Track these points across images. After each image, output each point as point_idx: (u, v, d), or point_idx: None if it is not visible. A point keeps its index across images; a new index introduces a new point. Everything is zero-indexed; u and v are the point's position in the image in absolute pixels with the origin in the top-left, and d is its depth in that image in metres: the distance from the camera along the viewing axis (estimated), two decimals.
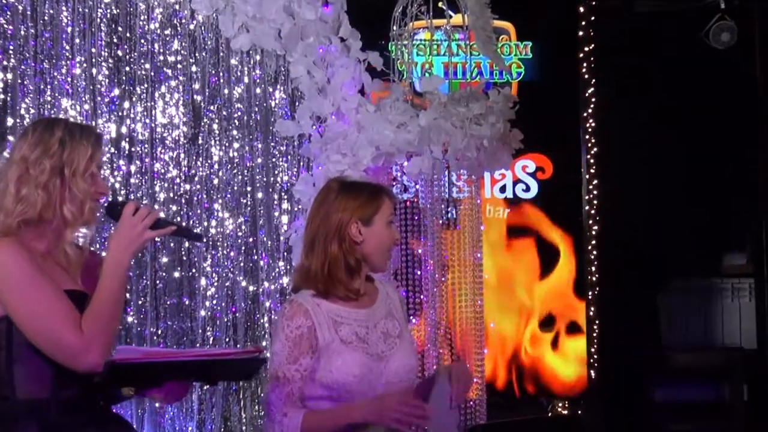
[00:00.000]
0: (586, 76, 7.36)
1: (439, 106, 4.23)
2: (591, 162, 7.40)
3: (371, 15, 4.68)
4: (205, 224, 4.90)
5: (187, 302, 4.90)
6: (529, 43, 7.40)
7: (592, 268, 7.33)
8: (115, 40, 4.72)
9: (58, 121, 2.48)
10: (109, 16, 4.69)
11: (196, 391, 4.73)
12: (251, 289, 4.91)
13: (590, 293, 7.30)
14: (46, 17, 4.57)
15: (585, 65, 7.36)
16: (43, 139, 2.35)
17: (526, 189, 7.42)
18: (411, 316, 4.39)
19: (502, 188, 7.39)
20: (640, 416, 7.26)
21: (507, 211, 7.41)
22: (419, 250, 4.51)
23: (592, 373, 7.23)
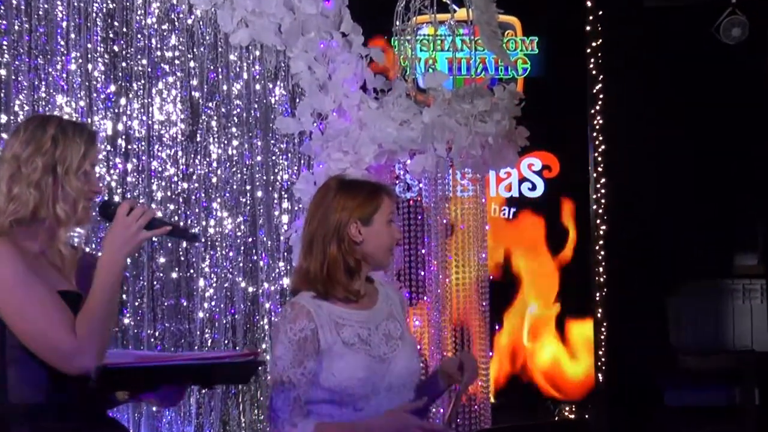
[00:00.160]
0: (594, 72, 7.35)
1: (443, 102, 4.22)
2: (599, 160, 7.39)
3: (373, 9, 4.68)
4: (204, 224, 4.90)
5: (185, 304, 4.90)
6: (536, 38, 7.40)
7: (600, 269, 7.31)
8: (111, 35, 4.72)
9: (51, 118, 2.47)
10: (105, 11, 4.70)
11: (194, 394, 4.73)
12: (251, 290, 4.91)
13: (598, 294, 7.29)
14: (40, 12, 4.58)
15: (592, 61, 7.34)
16: (36, 136, 2.34)
17: (532, 188, 7.41)
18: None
19: (508, 187, 7.37)
20: (649, 420, 7.25)
21: (512, 210, 7.40)
22: (423, 250, 4.49)
23: (600, 376, 7.22)
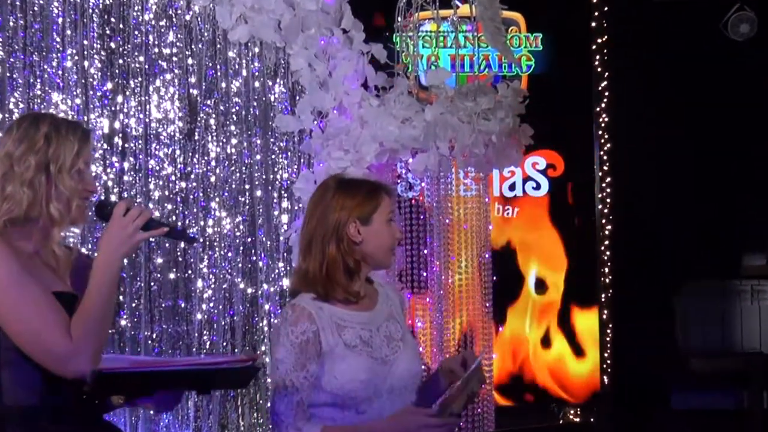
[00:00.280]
0: (599, 69, 7.33)
1: (445, 100, 4.21)
2: (604, 159, 7.38)
3: (375, 5, 4.67)
4: (202, 223, 4.89)
5: (183, 305, 4.89)
6: (540, 35, 7.37)
7: (605, 270, 7.30)
8: (108, 31, 4.72)
9: (44, 116, 2.48)
10: (101, 7, 4.69)
11: (192, 397, 4.72)
12: (250, 291, 4.91)
13: (603, 296, 7.27)
14: (35, 8, 4.57)
15: (598, 58, 7.33)
16: (28, 134, 2.35)
17: (537, 187, 7.39)
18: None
19: (512, 186, 7.36)
20: (655, 424, 7.25)
21: (516, 210, 7.38)
22: (425, 251, 4.49)
23: (605, 378, 7.21)
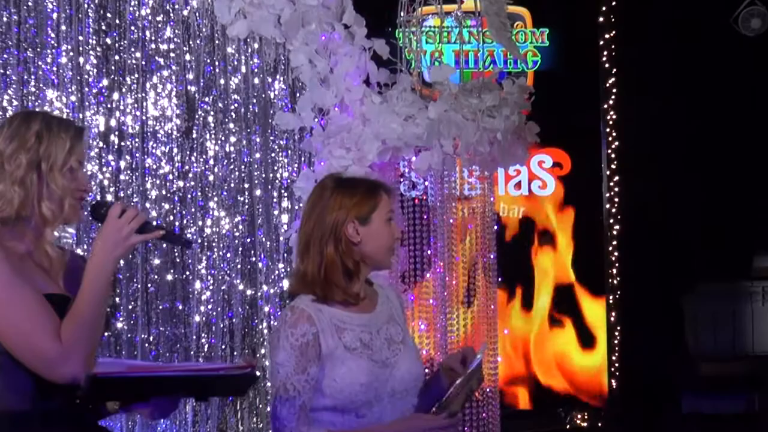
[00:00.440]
0: (607, 65, 7.34)
1: (449, 97, 4.19)
2: (612, 157, 7.38)
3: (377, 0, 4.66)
4: (200, 223, 4.90)
5: (181, 307, 4.90)
6: (546, 30, 7.38)
7: (614, 271, 7.30)
8: (104, 27, 4.73)
9: (36, 113, 2.48)
10: (97, 2, 4.70)
11: (190, 402, 4.72)
12: (249, 292, 4.91)
13: (611, 297, 7.27)
14: (29, 3, 4.58)
15: (605, 53, 7.33)
16: (20, 132, 2.35)
17: (543, 186, 7.39)
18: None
19: (517, 185, 7.36)
20: (665, 428, 7.24)
21: (522, 209, 7.38)
22: (428, 251, 4.48)
23: (613, 382, 7.21)
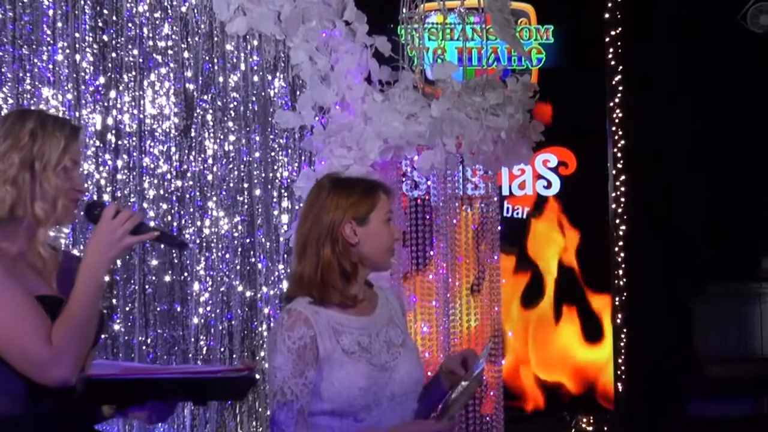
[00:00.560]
0: (613, 63, 7.33)
1: (452, 95, 4.19)
2: (618, 156, 7.37)
3: None
4: (199, 224, 4.89)
5: (179, 309, 4.90)
6: (551, 27, 7.37)
7: (620, 272, 7.29)
8: (101, 23, 4.73)
9: (31, 112, 2.47)
10: None
11: (188, 406, 4.71)
12: (248, 294, 4.90)
13: (617, 299, 7.26)
14: None
15: (611, 50, 7.32)
16: (14, 130, 2.35)
17: (548, 185, 7.38)
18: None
19: (522, 184, 7.35)
20: None
21: (527, 209, 7.37)
22: (431, 252, 4.47)
23: (620, 386, 7.19)
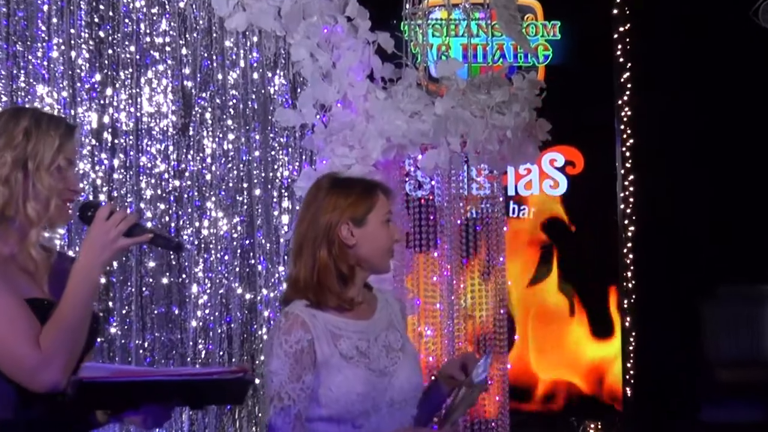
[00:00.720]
0: (621, 60, 7.31)
1: (457, 92, 4.18)
2: (627, 155, 7.36)
3: None
4: (197, 224, 4.89)
5: (177, 312, 4.89)
6: (558, 23, 7.36)
7: (628, 274, 7.28)
8: (97, 19, 4.72)
9: (26, 110, 2.48)
10: None
11: (186, 410, 4.70)
12: (248, 297, 4.90)
13: (626, 301, 7.25)
14: None
15: (620, 47, 7.31)
16: (7, 129, 2.35)
17: (554, 185, 7.37)
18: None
19: (528, 184, 7.34)
20: None
21: (533, 210, 7.36)
22: (435, 254, 4.46)
23: (628, 390, 7.18)
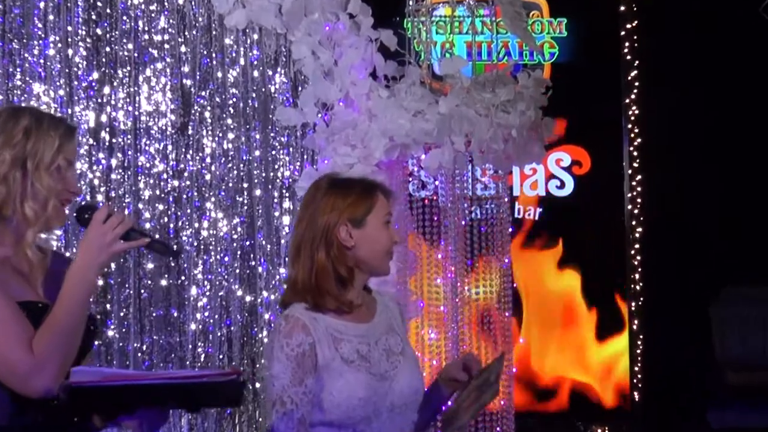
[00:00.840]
0: (629, 57, 7.31)
1: (461, 91, 4.18)
2: (634, 155, 7.36)
3: None
4: (197, 225, 4.89)
5: (176, 314, 4.89)
6: (564, 20, 7.35)
7: (636, 276, 7.27)
8: (94, 16, 4.73)
9: (25, 109, 2.50)
10: None
11: (185, 415, 4.70)
12: (248, 299, 4.90)
13: (634, 303, 7.24)
14: None
15: (627, 44, 7.30)
16: (6, 128, 2.35)
17: (561, 185, 7.36)
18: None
19: (534, 185, 7.33)
20: None
21: (538, 210, 7.35)
22: (439, 255, 4.46)
23: (636, 394, 7.17)
